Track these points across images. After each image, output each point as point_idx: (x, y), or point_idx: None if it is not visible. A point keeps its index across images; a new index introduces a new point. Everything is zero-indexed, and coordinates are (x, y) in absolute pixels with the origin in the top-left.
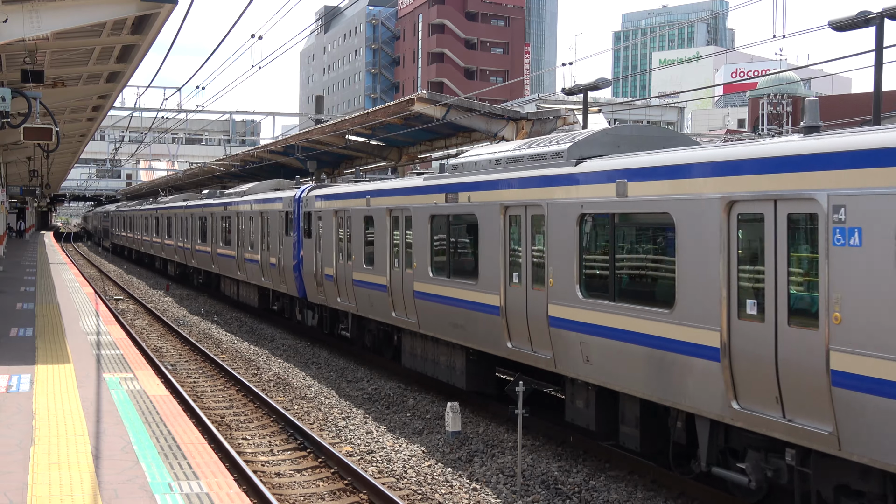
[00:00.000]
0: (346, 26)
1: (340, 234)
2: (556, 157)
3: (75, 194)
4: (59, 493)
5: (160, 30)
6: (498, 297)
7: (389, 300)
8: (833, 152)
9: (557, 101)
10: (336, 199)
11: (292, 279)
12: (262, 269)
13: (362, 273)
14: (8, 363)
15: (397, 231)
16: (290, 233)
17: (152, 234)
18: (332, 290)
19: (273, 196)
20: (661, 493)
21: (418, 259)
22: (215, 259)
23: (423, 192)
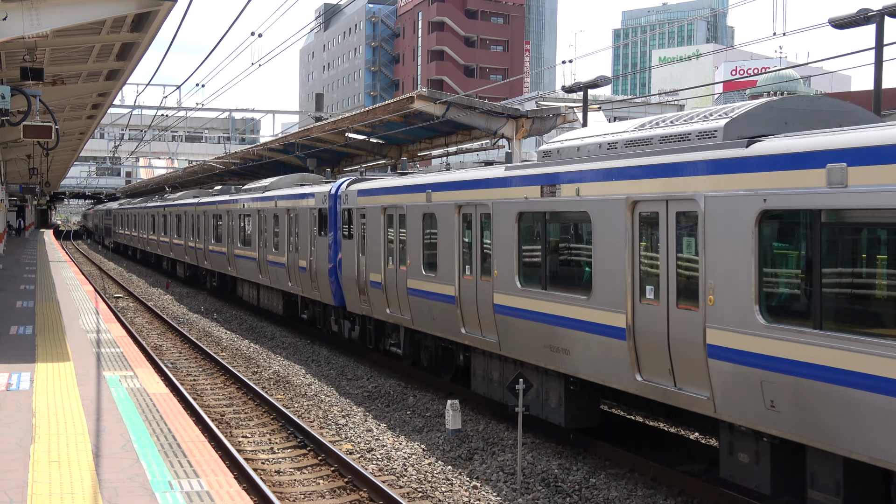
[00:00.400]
0: (346, 24)
1: (390, 234)
2: (705, 138)
3: (75, 192)
4: (60, 491)
5: (160, 27)
6: (623, 317)
7: (458, 314)
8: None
9: (557, 98)
10: (385, 194)
11: (327, 285)
12: (288, 274)
13: (420, 281)
14: (8, 361)
15: (469, 231)
16: (325, 232)
17: (159, 233)
18: (379, 299)
19: (302, 191)
20: (661, 490)
21: (500, 266)
22: (232, 261)
23: (508, 184)
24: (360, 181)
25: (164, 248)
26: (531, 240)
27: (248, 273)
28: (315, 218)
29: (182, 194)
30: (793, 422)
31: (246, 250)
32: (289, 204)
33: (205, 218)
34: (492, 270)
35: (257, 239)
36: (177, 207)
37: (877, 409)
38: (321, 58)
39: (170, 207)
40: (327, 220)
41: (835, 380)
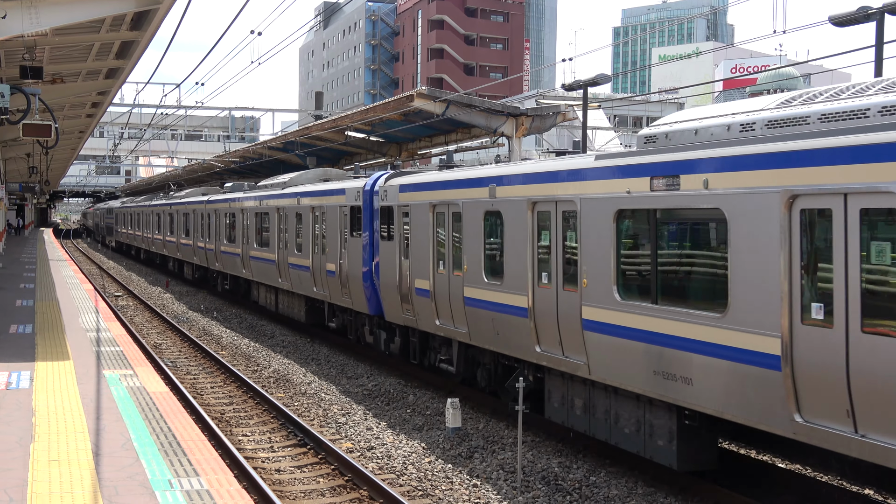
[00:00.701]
0: (346, 22)
1: (441, 235)
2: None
3: (74, 191)
4: (60, 490)
5: (159, 26)
6: (776, 342)
7: (531, 329)
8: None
9: (557, 96)
10: (435, 190)
11: (360, 292)
12: (314, 278)
13: (481, 289)
14: (8, 360)
15: (546, 232)
16: (358, 233)
17: (165, 233)
18: (426, 308)
19: (330, 187)
20: (661, 489)
21: (591, 274)
22: (247, 263)
23: (601, 175)
24: (400, 175)
25: (170, 249)
26: (635, 243)
27: (265, 276)
28: (346, 216)
29: (189, 192)
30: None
31: (263, 252)
32: (314, 201)
33: (216, 217)
34: (578, 279)
35: (276, 239)
36: (184, 206)
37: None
38: (321, 56)
39: (177, 206)
40: (361, 218)
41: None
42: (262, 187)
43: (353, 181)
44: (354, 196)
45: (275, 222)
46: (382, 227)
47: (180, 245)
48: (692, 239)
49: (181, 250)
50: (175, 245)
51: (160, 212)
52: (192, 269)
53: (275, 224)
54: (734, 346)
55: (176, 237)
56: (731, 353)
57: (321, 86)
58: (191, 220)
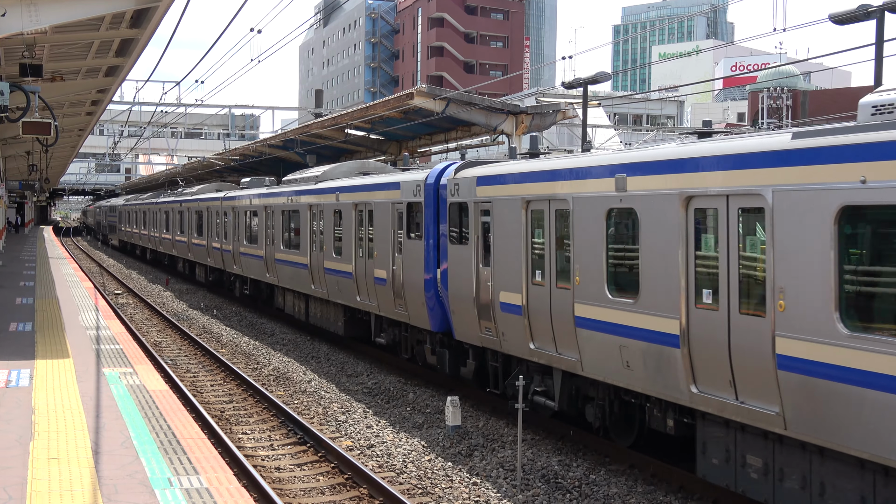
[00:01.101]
0: (346, 20)
1: (538, 238)
2: None
3: (74, 188)
4: (59, 488)
5: (159, 23)
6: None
7: (684, 362)
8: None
9: (557, 94)
10: (530, 181)
11: (420, 304)
12: (357, 286)
13: (601, 307)
14: (7, 358)
15: (710, 237)
16: (417, 234)
17: (174, 232)
18: (515, 328)
19: (378, 181)
20: (660, 487)
21: (796, 296)
22: (272, 267)
23: (809, 159)
24: (474, 165)
25: (180, 249)
26: (880, 252)
27: (294, 282)
28: (401, 215)
29: (201, 188)
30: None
31: (292, 254)
32: (358, 197)
33: (234, 215)
34: (772, 301)
35: (309, 241)
36: (196, 203)
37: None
38: (321, 54)
39: (188, 203)
40: (422, 217)
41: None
42: (289, 182)
43: (409, 173)
44: (413, 191)
45: (307, 221)
46: (452, 228)
47: (192, 245)
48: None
49: (193, 251)
50: (186, 245)
51: (169, 209)
52: (206, 271)
53: (307, 223)
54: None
55: (187, 237)
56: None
57: (321, 84)
58: (204, 218)
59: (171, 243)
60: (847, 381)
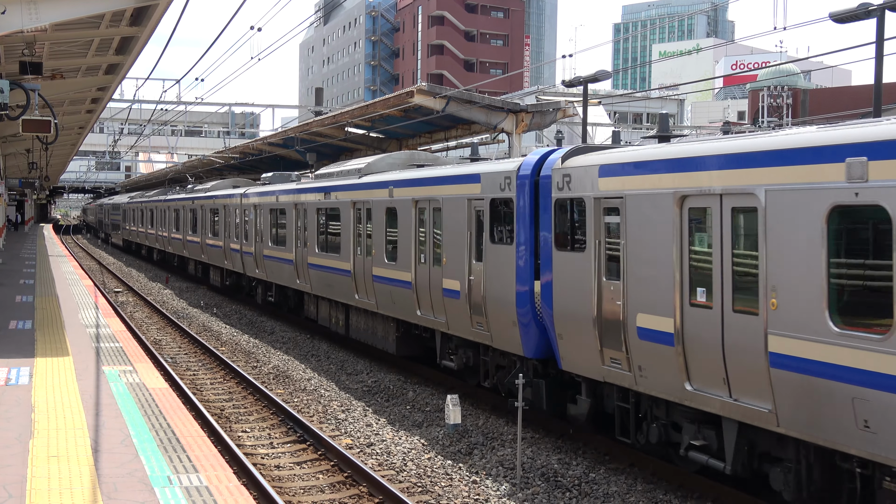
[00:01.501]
0: (346, 18)
1: (699, 244)
2: None
3: (74, 186)
4: (59, 486)
5: (159, 21)
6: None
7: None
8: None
9: (557, 93)
10: (690, 170)
11: (509, 323)
12: (417, 297)
13: (816, 343)
14: (7, 356)
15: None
16: (506, 238)
17: (185, 232)
18: (662, 361)
19: (447, 173)
20: (660, 485)
21: None
22: (304, 273)
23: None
24: (589, 150)
25: (192, 250)
26: None
27: (332, 290)
28: (482, 214)
29: (216, 184)
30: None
31: (330, 259)
32: (419, 192)
33: (256, 214)
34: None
35: (352, 244)
36: (211, 200)
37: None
38: (321, 52)
39: (201, 200)
40: (513, 216)
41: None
42: (325, 177)
43: (491, 163)
44: (499, 184)
45: (350, 221)
46: (560, 231)
47: (206, 247)
48: None
49: (207, 252)
50: (199, 246)
51: (179, 207)
52: (222, 274)
53: (349, 223)
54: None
55: (200, 237)
56: None
57: (321, 82)
58: (221, 217)
59: (182, 244)
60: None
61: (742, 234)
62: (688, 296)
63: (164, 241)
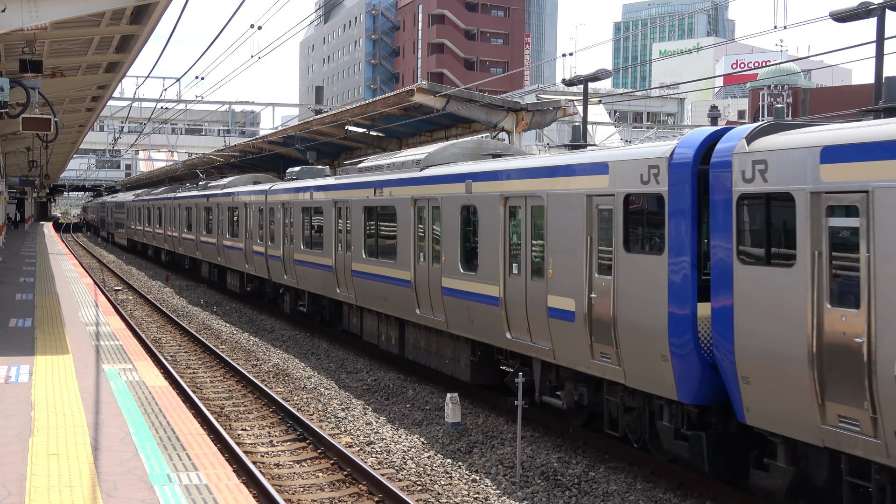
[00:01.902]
0: (346, 16)
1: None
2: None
3: (74, 185)
4: (58, 484)
5: (159, 19)
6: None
7: None
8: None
9: (557, 91)
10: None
11: (656, 356)
12: (507, 316)
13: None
14: (7, 354)
15: None
16: (646, 245)
17: (198, 232)
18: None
19: (556, 162)
20: (660, 484)
21: None
22: (346, 281)
23: None
24: (787, 128)
25: (206, 252)
26: None
27: (384, 302)
28: (611, 214)
29: (233, 180)
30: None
31: (382, 266)
32: (512, 187)
33: (285, 213)
34: None
35: (413, 249)
36: (230, 198)
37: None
38: (321, 50)
39: (217, 198)
40: (663, 218)
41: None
42: (372, 170)
43: (624, 149)
44: (640, 175)
45: (409, 222)
46: (748, 238)
47: (223, 249)
48: None
49: (224, 255)
50: (214, 248)
51: (191, 206)
52: (241, 279)
53: (409, 224)
54: None
55: (216, 238)
56: None
57: (321, 80)
58: (241, 216)
59: (195, 245)
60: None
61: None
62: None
63: (174, 241)
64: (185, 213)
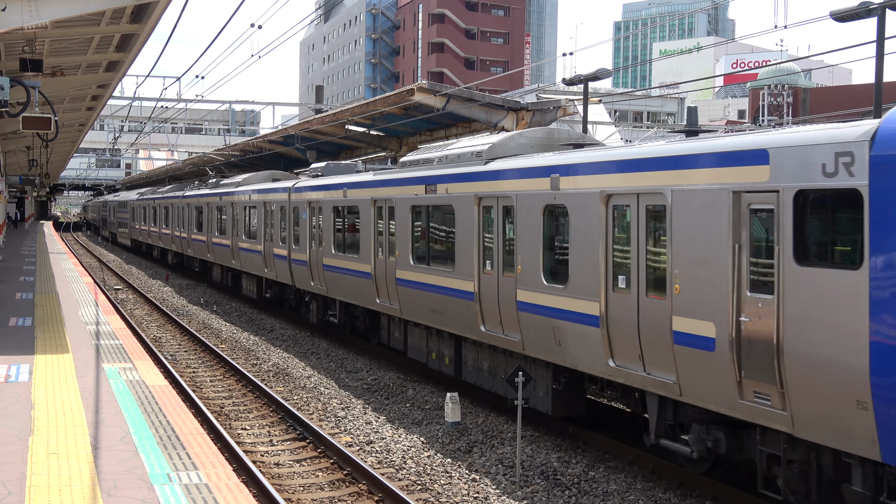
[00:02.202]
0: (346, 16)
1: None
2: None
3: (75, 184)
4: (58, 483)
5: (159, 19)
6: None
7: None
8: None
9: (558, 91)
10: None
11: (847, 401)
12: (609, 339)
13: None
14: (7, 353)
15: None
16: (828, 257)
17: (210, 233)
18: None
19: (683, 151)
20: (660, 483)
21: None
22: (387, 289)
23: None
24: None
25: (219, 255)
26: None
27: (438, 316)
28: (773, 216)
29: (248, 177)
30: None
31: (434, 274)
32: (616, 182)
33: (312, 213)
34: None
35: (477, 255)
36: (246, 197)
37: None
38: (321, 50)
39: (232, 196)
40: (861, 221)
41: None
42: (418, 165)
43: (790, 133)
44: (821, 165)
45: (473, 224)
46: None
47: (238, 251)
48: None
49: (240, 258)
50: (228, 250)
51: (202, 205)
52: (259, 284)
53: (473, 227)
54: None
55: (231, 240)
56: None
57: (322, 79)
58: (260, 216)
59: (206, 246)
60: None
61: None
62: None
63: (183, 242)
64: (196, 213)
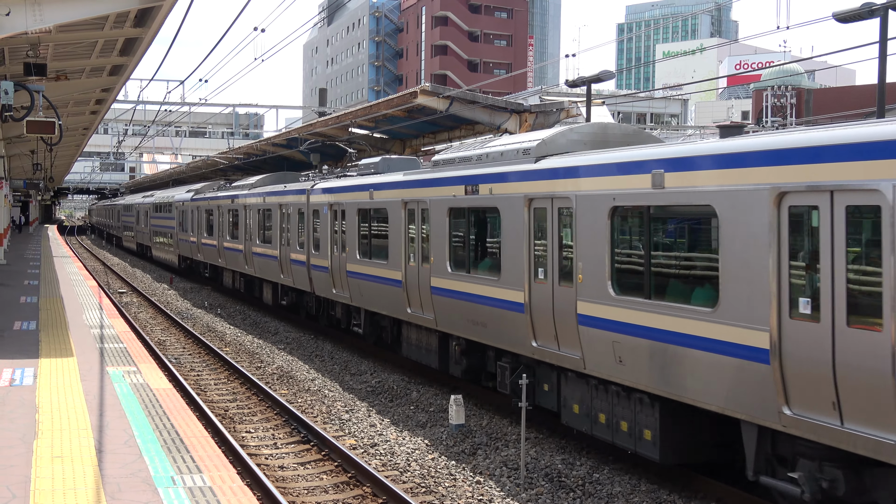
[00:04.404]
0: (350, 19)
1: None
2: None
3: (79, 187)
4: (62, 486)
5: (163, 23)
6: None
7: None
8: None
9: (561, 93)
10: None
11: None
12: (785, 378)
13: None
14: (11, 357)
15: None
16: None
17: (222, 237)
18: None
19: (843, 137)
20: (664, 486)
21: None
22: (420, 299)
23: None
24: None
25: (231, 260)
26: None
27: (485, 331)
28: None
29: (261, 178)
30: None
31: (482, 284)
32: (754, 178)
33: (333, 215)
34: None
35: (529, 263)
36: (260, 199)
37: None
38: (324, 53)
39: (244, 199)
40: None
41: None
42: (457, 163)
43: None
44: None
45: (523, 228)
46: None
47: (251, 256)
48: None
49: (253, 264)
50: (241, 255)
51: (212, 208)
52: (275, 291)
53: (522, 231)
54: None
55: (244, 244)
56: None
57: (325, 82)
58: (275, 220)
59: (217, 251)
60: None
61: None
62: None
63: (192, 247)
64: (206, 216)
